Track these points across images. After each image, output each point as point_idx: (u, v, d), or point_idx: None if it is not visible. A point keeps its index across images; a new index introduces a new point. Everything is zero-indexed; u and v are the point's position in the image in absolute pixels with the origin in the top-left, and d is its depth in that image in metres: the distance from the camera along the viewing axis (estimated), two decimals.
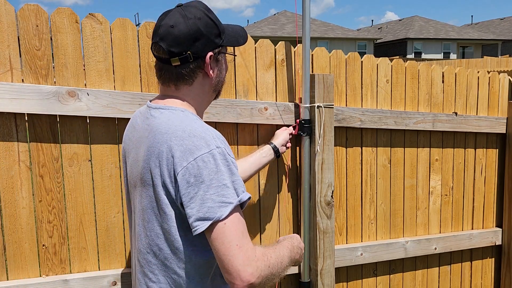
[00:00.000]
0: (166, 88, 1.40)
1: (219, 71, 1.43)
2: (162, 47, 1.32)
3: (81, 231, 1.87)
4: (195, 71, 1.36)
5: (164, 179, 1.24)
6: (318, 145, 2.13)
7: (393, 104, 2.42)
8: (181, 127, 1.27)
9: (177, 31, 1.31)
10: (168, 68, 1.35)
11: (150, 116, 1.36)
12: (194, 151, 1.21)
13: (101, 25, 1.80)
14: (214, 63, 1.39)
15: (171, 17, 1.33)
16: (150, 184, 1.29)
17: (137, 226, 1.37)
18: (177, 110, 1.33)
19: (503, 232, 2.81)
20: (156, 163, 1.26)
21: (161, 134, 1.27)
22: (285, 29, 35.54)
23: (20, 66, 1.72)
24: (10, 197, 1.76)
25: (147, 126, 1.34)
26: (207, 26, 1.34)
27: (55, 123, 1.79)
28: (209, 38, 1.34)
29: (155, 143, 1.27)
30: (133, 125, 1.45)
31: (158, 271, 1.33)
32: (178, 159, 1.21)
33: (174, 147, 1.23)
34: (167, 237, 1.29)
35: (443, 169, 2.63)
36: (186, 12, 1.33)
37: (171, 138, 1.24)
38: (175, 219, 1.26)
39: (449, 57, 37.83)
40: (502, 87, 2.74)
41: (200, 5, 1.37)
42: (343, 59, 2.27)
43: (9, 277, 1.79)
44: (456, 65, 16.09)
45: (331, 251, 2.22)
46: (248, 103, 2.04)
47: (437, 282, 2.71)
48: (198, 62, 1.35)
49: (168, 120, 1.30)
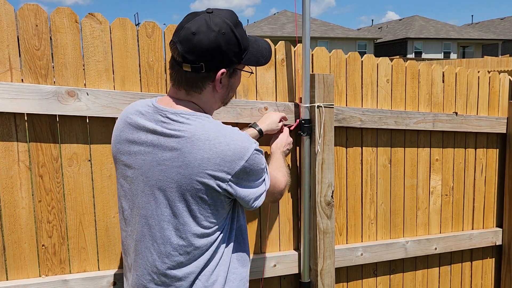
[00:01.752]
0: (176, 90, 1.38)
1: (230, 87, 1.42)
2: (178, 49, 1.30)
3: (80, 231, 1.86)
4: (204, 82, 1.35)
5: (215, 182, 1.28)
6: (318, 145, 2.12)
7: (394, 104, 2.42)
8: (222, 133, 1.30)
9: (197, 40, 1.27)
10: (179, 70, 1.34)
11: (171, 121, 1.31)
12: (245, 153, 1.30)
13: (100, 24, 1.80)
14: (226, 78, 1.37)
15: (196, 22, 1.29)
16: (188, 190, 1.29)
17: (165, 231, 1.34)
18: (203, 117, 1.33)
19: (504, 232, 2.81)
20: (204, 170, 1.27)
21: (201, 141, 1.27)
22: (285, 29, 35.54)
23: (20, 66, 1.72)
24: (10, 197, 1.76)
25: (172, 132, 1.30)
26: (229, 43, 1.30)
27: (54, 123, 1.79)
28: (227, 56, 1.32)
29: (195, 150, 1.27)
30: (130, 126, 1.38)
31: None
32: (230, 163, 1.28)
33: (224, 151, 1.27)
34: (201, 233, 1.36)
35: (443, 169, 2.63)
36: (212, 23, 1.29)
37: (215, 145, 1.27)
38: (218, 213, 1.35)
39: (450, 57, 37.83)
40: (502, 87, 2.73)
41: (229, 18, 1.32)
42: (343, 58, 2.26)
43: (8, 277, 1.79)
44: (456, 65, 16.10)
45: (331, 251, 2.21)
46: (248, 103, 2.04)
47: (437, 282, 2.71)
48: (209, 75, 1.33)
49: (203, 126, 1.29)
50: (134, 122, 1.38)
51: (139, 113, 1.39)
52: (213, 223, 1.34)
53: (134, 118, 1.39)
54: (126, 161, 1.39)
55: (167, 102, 1.37)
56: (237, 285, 1.44)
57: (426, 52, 38.28)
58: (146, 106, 1.39)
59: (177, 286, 1.36)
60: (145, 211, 1.36)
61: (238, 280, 1.45)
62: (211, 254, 1.37)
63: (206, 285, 1.37)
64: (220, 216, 1.36)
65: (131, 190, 1.40)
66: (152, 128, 1.33)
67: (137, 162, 1.36)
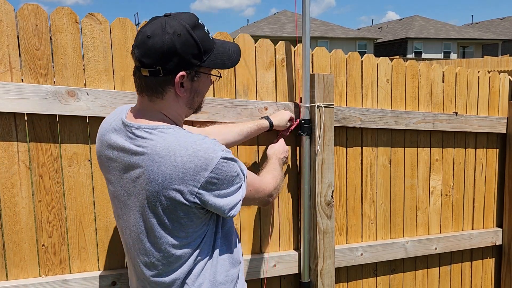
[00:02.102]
0: (141, 98, 1.36)
1: (194, 91, 1.36)
2: (135, 54, 1.29)
3: (80, 231, 1.86)
4: (164, 86, 1.31)
5: (181, 196, 1.26)
6: (318, 145, 2.12)
7: (394, 104, 2.42)
8: (183, 145, 1.26)
9: (151, 43, 1.25)
10: (140, 75, 1.31)
11: (137, 138, 1.30)
12: (208, 164, 1.25)
13: (100, 24, 1.80)
14: (188, 82, 1.32)
15: (152, 26, 1.28)
16: (158, 206, 1.29)
17: (145, 244, 1.37)
18: (166, 129, 1.30)
19: (503, 232, 2.81)
20: (169, 185, 1.25)
21: (162, 157, 1.25)
22: (285, 29, 35.53)
23: (20, 66, 1.72)
24: (10, 197, 1.76)
25: (136, 148, 1.29)
26: (185, 45, 1.26)
27: (54, 123, 1.79)
28: (184, 58, 1.27)
29: (156, 167, 1.25)
30: (107, 142, 1.39)
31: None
32: (194, 175, 1.25)
33: (185, 164, 1.24)
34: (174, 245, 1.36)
35: (443, 169, 2.63)
36: (167, 25, 1.26)
37: (176, 159, 1.24)
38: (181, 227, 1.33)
39: (450, 57, 37.83)
40: (502, 87, 2.73)
41: (187, 20, 1.29)
42: (343, 58, 2.26)
43: (8, 277, 1.79)
44: (456, 64, 16.09)
45: (331, 251, 2.21)
46: (248, 103, 2.04)
47: (437, 282, 2.71)
48: (168, 78, 1.29)
49: (164, 141, 1.27)
50: (108, 139, 1.38)
51: (112, 129, 1.38)
52: (191, 232, 1.34)
53: (108, 135, 1.39)
54: (107, 176, 1.43)
55: (134, 114, 1.36)
56: (228, 287, 1.45)
57: (426, 52, 38.27)
58: (118, 120, 1.38)
59: None
60: (127, 224, 1.40)
61: (229, 282, 1.45)
62: (195, 260, 1.38)
63: None
64: (197, 225, 1.35)
65: (114, 203, 1.44)
66: (121, 145, 1.33)
67: (115, 178, 1.38)
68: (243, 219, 2.14)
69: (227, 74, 2.02)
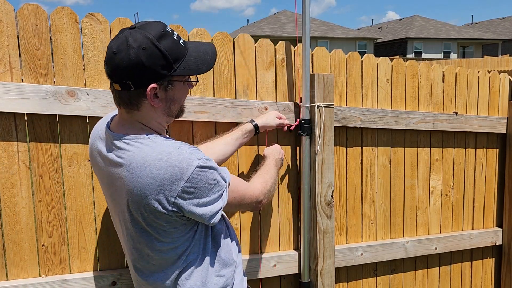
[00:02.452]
0: (120, 110, 1.36)
1: (170, 100, 1.34)
2: (106, 70, 1.29)
3: (80, 231, 1.86)
4: (138, 99, 1.29)
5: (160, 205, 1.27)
6: (318, 145, 2.12)
7: (394, 103, 2.42)
8: (158, 156, 1.25)
9: (118, 59, 1.23)
10: (114, 89, 1.31)
11: (116, 149, 1.32)
12: (183, 174, 1.25)
13: (100, 24, 1.79)
14: (162, 92, 1.30)
15: (117, 40, 1.26)
16: (139, 215, 1.31)
17: (132, 249, 1.41)
18: (143, 139, 1.30)
19: (504, 232, 2.81)
20: (146, 196, 1.26)
21: (138, 169, 1.25)
22: (285, 29, 35.53)
23: (20, 66, 1.72)
24: (10, 197, 1.76)
25: (117, 159, 1.31)
26: (151, 57, 1.23)
27: (54, 123, 1.78)
28: (153, 70, 1.25)
29: (133, 178, 1.27)
30: (95, 151, 1.42)
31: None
32: (169, 185, 1.25)
33: (160, 175, 1.25)
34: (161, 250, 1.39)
35: (443, 169, 2.63)
36: (131, 39, 1.23)
37: (151, 170, 1.25)
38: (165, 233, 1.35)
39: (450, 57, 37.83)
40: (502, 87, 2.73)
41: (152, 31, 1.26)
42: (343, 58, 2.26)
43: (8, 277, 1.79)
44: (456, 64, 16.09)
45: (331, 251, 2.21)
46: (248, 103, 2.04)
47: (437, 282, 2.71)
48: (140, 91, 1.27)
49: (140, 152, 1.27)
50: (96, 147, 1.42)
51: (99, 138, 1.41)
52: (177, 237, 1.35)
53: (96, 143, 1.43)
54: (100, 182, 1.47)
55: (116, 124, 1.37)
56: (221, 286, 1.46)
57: (426, 52, 38.27)
58: (104, 128, 1.40)
59: None
60: (119, 228, 1.44)
61: (222, 283, 1.46)
62: (185, 262, 1.39)
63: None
64: (183, 231, 1.35)
65: (108, 205, 1.48)
66: (105, 155, 1.36)
67: (103, 184, 1.43)
68: (243, 219, 2.14)
69: (227, 74, 2.02)
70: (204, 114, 1.94)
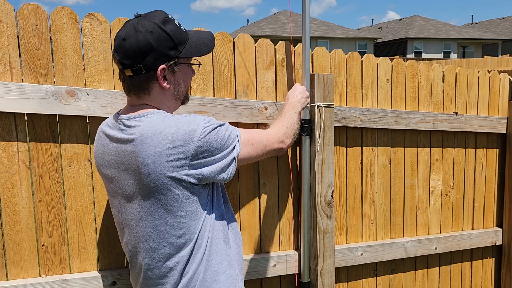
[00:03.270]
0: (130, 98, 1.44)
1: (177, 82, 1.44)
2: (116, 58, 1.37)
3: (80, 231, 1.86)
4: (149, 82, 1.39)
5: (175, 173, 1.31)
6: (318, 144, 2.12)
7: (394, 103, 2.42)
8: (168, 124, 1.33)
9: (128, 44, 1.33)
10: (124, 77, 1.39)
11: (126, 128, 1.38)
12: (193, 135, 1.31)
13: (100, 24, 1.80)
14: (170, 74, 1.41)
15: (125, 29, 1.36)
16: (154, 186, 1.33)
17: (144, 229, 1.40)
18: (153, 113, 1.37)
19: (504, 232, 2.81)
20: (160, 163, 1.30)
21: (149, 138, 1.31)
22: (285, 29, 35.53)
23: (20, 66, 1.72)
24: (10, 197, 1.76)
25: (127, 136, 1.36)
26: (159, 40, 1.34)
27: (54, 123, 1.79)
28: (161, 52, 1.35)
29: (145, 148, 1.31)
30: (103, 138, 1.47)
31: None
32: (182, 147, 1.30)
33: (172, 140, 1.30)
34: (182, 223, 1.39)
35: (443, 169, 2.63)
36: (138, 25, 1.34)
37: (162, 137, 1.30)
38: (186, 202, 1.37)
39: (450, 57, 37.83)
40: (502, 87, 2.73)
41: (156, 17, 1.37)
42: (343, 58, 2.26)
43: (8, 277, 1.79)
44: (456, 64, 16.09)
45: (331, 251, 2.21)
46: (248, 103, 2.04)
47: (437, 282, 2.71)
48: (150, 74, 1.37)
49: (150, 123, 1.34)
50: (103, 132, 1.47)
51: (107, 125, 1.48)
52: (190, 212, 1.37)
53: (103, 128, 1.48)
54: (106, 172, 1.47)
55: (125, 110, 1.45)
56: (226, 265, 1.48)
57: (426, 52, 38.27)
58: (111, 118, 1.48)
59: (170, 276, 1.42)
60: (127, 215, 1.44)
61: (227, 261, 1.49)
62: (193, 247, 1.40)
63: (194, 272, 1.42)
64: (194, 204, 1.38)
65: (114, 199, 1.48)
66: (115, 136, 1.41)
67: (112, 171, 1.44)
68: (243, 219, 2.14)
69: (227, 74, 2.02)
70: (204, 114, 1.94)
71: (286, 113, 1.81)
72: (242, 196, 2.12)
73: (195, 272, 1.41)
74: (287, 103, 1.89)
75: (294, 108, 1.87)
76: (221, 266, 1.46)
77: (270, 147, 1.60)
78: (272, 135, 1.63)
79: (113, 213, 1.53)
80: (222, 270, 1.46)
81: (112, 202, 1.51)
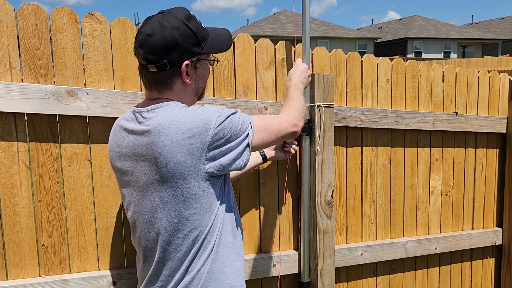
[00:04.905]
0: (150, 92, 1.46)
1: (198, 77, 1.48)
2: (141, 53, 1.38)
3: (80, 231, 1.86)
4: (172, 78, 1.41)
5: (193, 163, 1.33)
6: (318, 144, 2.12)
7: (393, 103, 2.42)
8: (184, 114, 1.34)
9: (154, 40, 1.35)
10: (147, 73, 1.41)
11: (144, 119, 1.39)
12: (209, 124, 1.33)
13: (100, 24, 1.80)
14: (192, 70, 1.44)
15: (150, 25, 1.38)
16: (168, 176, 1.34)
17: (159, 221, 1.40)
18: (170, 104, 1.39)
19: (504, 232, 2.81)
20: (177, 153, 1.31)
21: (166, 128, 1.32)
22: (285, 29, 35.52)
23: (20, 66, 1.72)
24: (10, 196, 1.76)
25: (144, 127, 1.37)
26: (184, 36, 1.37)
27: (54, 123, 1.79)
28: (186, 48, 1.38)
29: (162, 138, 1.32)
30: (119, 131, 1.48)
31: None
32: (199, 137, 1.32)
33: (189, 130, 1.32)
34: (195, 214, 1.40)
35: (443, 169, 2.63)
36: (164, 21, 1.36)
37: (179, 127, 1.32)
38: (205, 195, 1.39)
39: (450, 57, 37.82)
40: (502, 87, 2.73)
41: (180, 13, 1.40)
42: (343, 58, 2.26)
43: (8, 277, 1.79)
44: (456, 64, 16.09)
45: (331, 251, 2.21)
46: (248, 103, 2.04)
47: (437, 282, 2.71)
48: (174, 70, 1.40)
49: (167, 114, 1.36)
50: (120, 126, 1.48)
51: (124, 119, 1.49)
52: (204, 205, 1.38)
53: (120, 122, 1.49)
54: (119, 165, 1.47)
55: (143, 104, 1.46)
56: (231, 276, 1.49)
57: (426, 52, 38.26)
58: (129, 112, 1.49)
59: (180, 267, 1.42)
60: (140, 208, 1.44)
61: (234, 253, 1.50)
62: (203, 241, 1.41)
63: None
64: (209, 197, 1.39)
65: (127, 191, 1.48)
66: (131, 129, 1.42)
67: (126, 164, 1.44)
68: (243, 219, 2.14)
69: (227, 74, 2.02)
70: None
71: (294, 96, 1.79)
72: (242, 196, 2.12)
73: (204, 264, 1.42)
74: (291, 84, 1.85)
75: (299, 89, 1.84)
76: (229, 259, 1.47)
77: (284, 131, 1.60)
78: (285, 119, 1.63)
79: (125, 207, 1.53)
80: (229, 263, 1.47)
81: (124, 195, 1.51)
